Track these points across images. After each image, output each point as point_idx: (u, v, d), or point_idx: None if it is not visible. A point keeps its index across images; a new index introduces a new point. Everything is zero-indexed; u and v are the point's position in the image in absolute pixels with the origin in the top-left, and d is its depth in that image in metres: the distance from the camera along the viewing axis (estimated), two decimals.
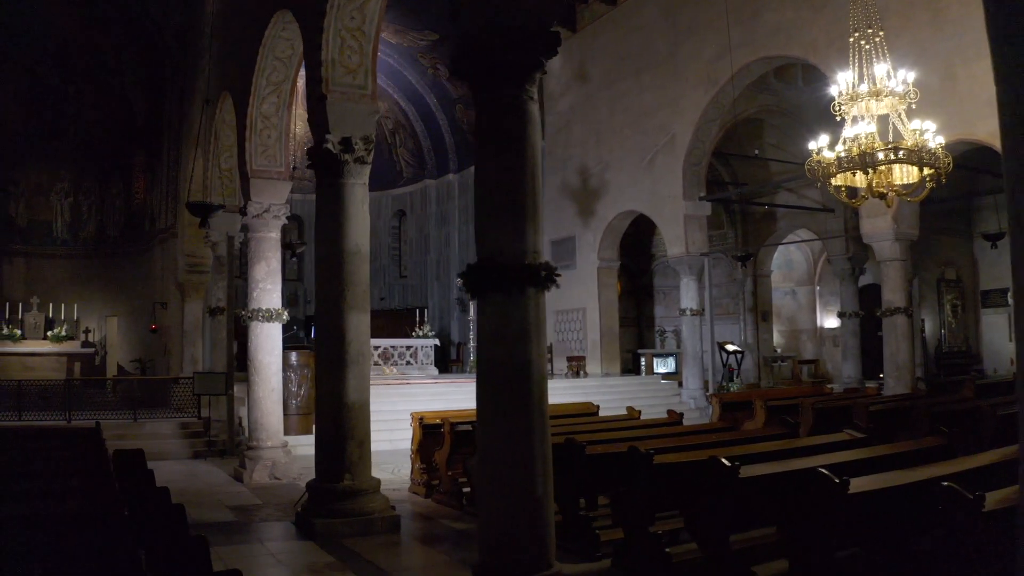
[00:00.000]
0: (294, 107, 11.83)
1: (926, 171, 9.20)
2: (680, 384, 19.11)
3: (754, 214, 22.50)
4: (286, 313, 11.89)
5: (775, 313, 23.53)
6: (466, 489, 9.42)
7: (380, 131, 30.02)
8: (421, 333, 22.69)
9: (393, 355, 22.12)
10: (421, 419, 10.56)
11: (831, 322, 22.62)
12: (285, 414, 14.30)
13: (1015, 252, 2.23)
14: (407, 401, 16.53)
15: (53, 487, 5.63)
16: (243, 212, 11.83)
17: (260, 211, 11.62)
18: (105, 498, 5.04)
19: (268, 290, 11.67)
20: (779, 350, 23.09)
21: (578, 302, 22.11)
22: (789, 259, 23.76)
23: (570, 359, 21.26)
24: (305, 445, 13.82)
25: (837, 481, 5.06)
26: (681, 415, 10.36)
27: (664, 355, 24.10)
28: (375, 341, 22.33)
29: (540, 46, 5.45)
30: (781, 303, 23.77)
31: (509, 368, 5.29)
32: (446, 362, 25.66)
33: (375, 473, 8.73)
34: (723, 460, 5.81)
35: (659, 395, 18.81)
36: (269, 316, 11.57)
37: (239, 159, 12.02)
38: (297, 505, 8.73)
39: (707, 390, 18.17)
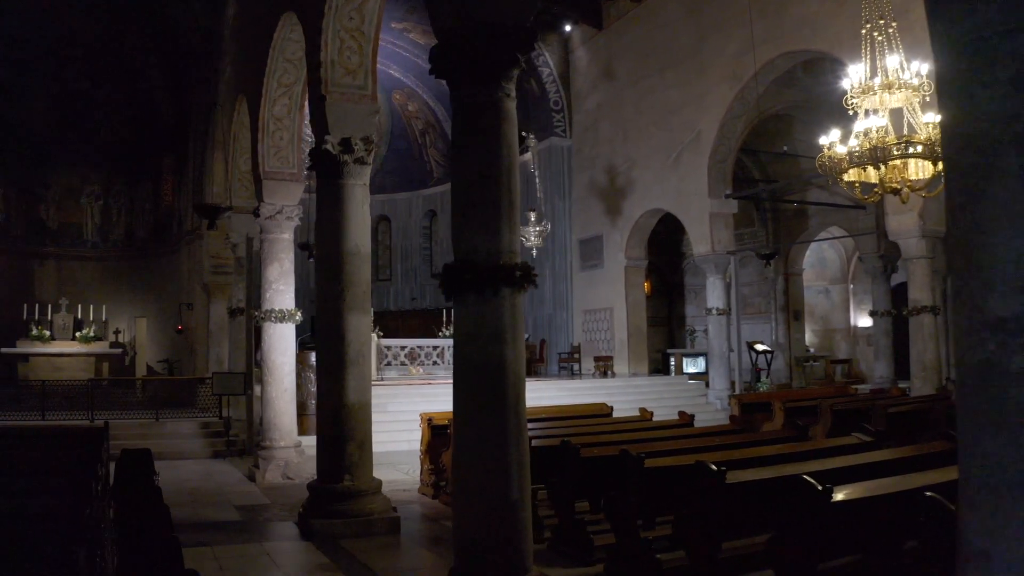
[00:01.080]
0: (306, 109, 11.84)
1: (940, 165, 8.92)
2: (707, 384, 18.85)
3: (785, 211, 22.11)
4: (299, 314, 11.92)
5: (808, 312, 23.11)
6: None
7: (411, 131, 30.12)
8: (448, 333, 22.66)
9: (420, 355, 22.12)
10: (430, 420, 10.50)
11: (864, 321, 22.16)
12: (302, 414, 14.37)
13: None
14: (428, 401, 16.46)
15: (32, 485, 5.66)
16: (256, 214, 11.89)
17: (273, 212, 11.66)
18: (77, 497, 5.04)
19: (281, 291, 11.71)
20: (812, 349, 22.67)
21: (605, 301, 21.93)
22: (822, 257, 23.32)
23: (597, 359, 21.11)
24: None
25: (820, 488, 4.90)
26: (692, 416, 10.16)
27: (694, 355, 23.80)
28: (401, 341, 22.44)
29: (516, 42, 5.35)
30: (815, 302, 23.34)
31: (483, 369, 5.20)
32: None
33: (390, 474, 8.70)
34: (710, 464, 5.66)
35: (684, 395, 18.57)
36: (282, 317, 11.61)
37: (252, 161, 12.08)
38: (301, 506, 8.72)
39: (734, 390, 17.89)
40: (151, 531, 5.47)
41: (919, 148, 8.67)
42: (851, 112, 9.34)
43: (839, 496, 4.94)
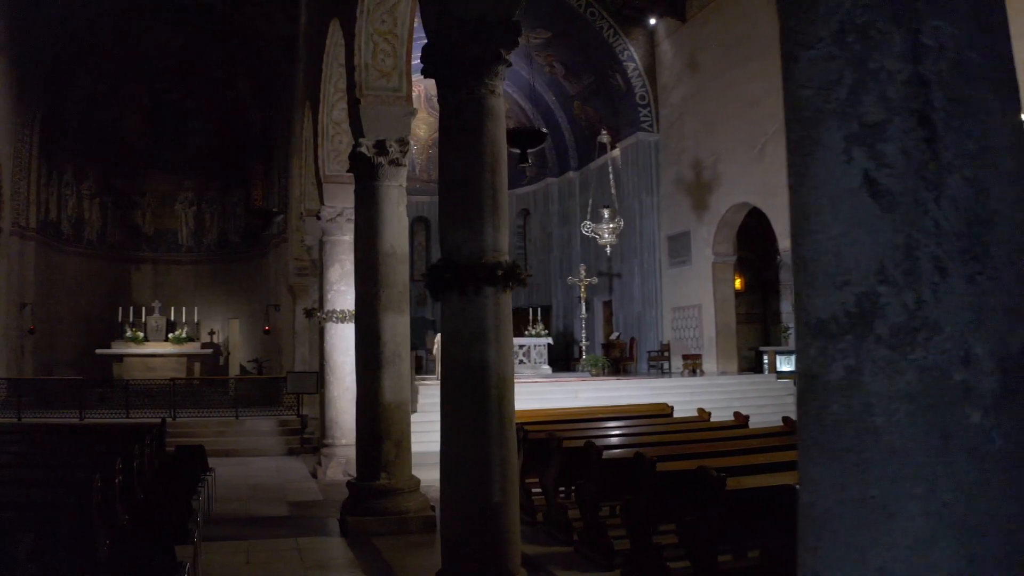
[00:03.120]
0: None
1: None
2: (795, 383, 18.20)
3: None
4: None
5: None
6: None
7: None
8: (534, 332, 22.68)
9: None
10: None
11: None
12: None
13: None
14: None
15: (49, 477, 5.98)
16: (318, 217, 12.18)
17: (333, 215, 11.92)
18: (82, 489, 5.29)
19: (342, 292, 11.96)
20: None
21: (694, 299, 21.52)
22: None
23: (685, 357, 20.75)
24: None
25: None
26: (747, 417, 9.83)
27: (788, 353, 23.00)
28: None
29: (498, 37, 5.31)
30: None
31: (465, 369, 5.18)
32: (568, 360, 25.53)
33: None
34: (711, 470, 5.46)
35: (769, 395, 17.99)
36: (343, 317, 11.86)
37: (314, 165, 12.38)
38: (342, 503, 8.89)
39: None
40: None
41: None
42: None
43: None
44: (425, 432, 13.41)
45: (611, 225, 18.09)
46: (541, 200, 28.48)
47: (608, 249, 18.39)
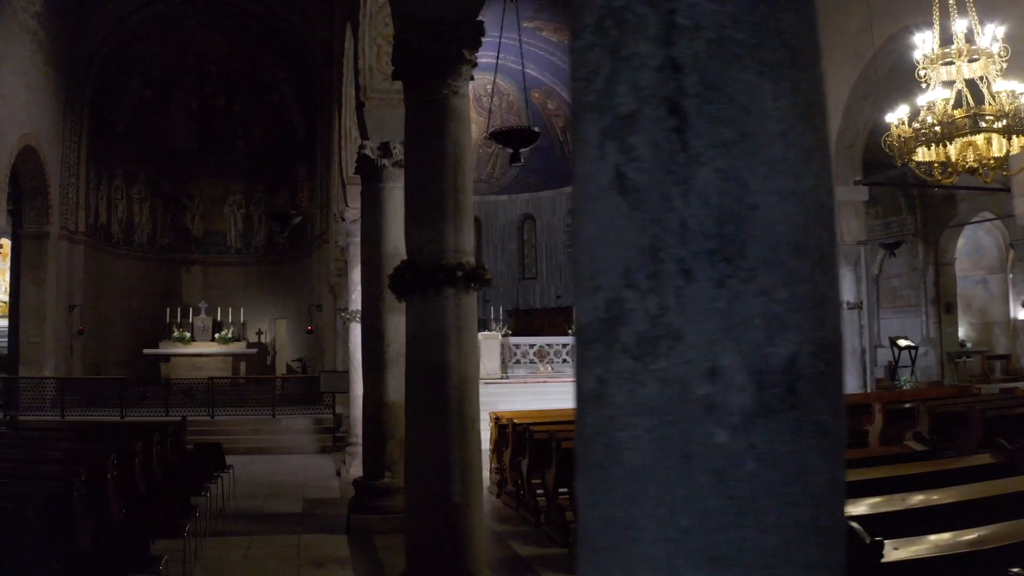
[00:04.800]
0: None
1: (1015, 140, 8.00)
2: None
3: (933, 197, 20.37)
4: None
5: (965, 304, 21.22)
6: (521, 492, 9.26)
7: (552, 129, 30.18)
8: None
9: (548, 353, 22.16)
10: (497, 418, 10.50)
11: None
12: None
13: None
14: (540, 399, 16.50)
15: (50, 471, 6.15)
16: (343, 218, 12.27)
17: (356, 217, 11.97)
18: (67, 484, 5.43)
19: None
20: (968, 344, 20.79)
21: None
22: (978, 244, 21.34)
23: None
24: None
25: (867, 542, 4.45)
26: None
27: None
28: (530, 340, 22.54)
29: (461, 38, 5.24)
30: (972, 293, 21.39)
31: (426, 370, 5.14)
32: None
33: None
34: None
35: None
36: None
37: (339, 167, 12.49)
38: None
39: (866, 389, 16.74)
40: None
41: (990, 121, 7.80)
42: (923, 85, 8.52)
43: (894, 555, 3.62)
44: None
45: None
46: None
47: None
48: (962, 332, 21.06)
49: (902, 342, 18.86)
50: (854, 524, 3.54)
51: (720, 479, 1.45)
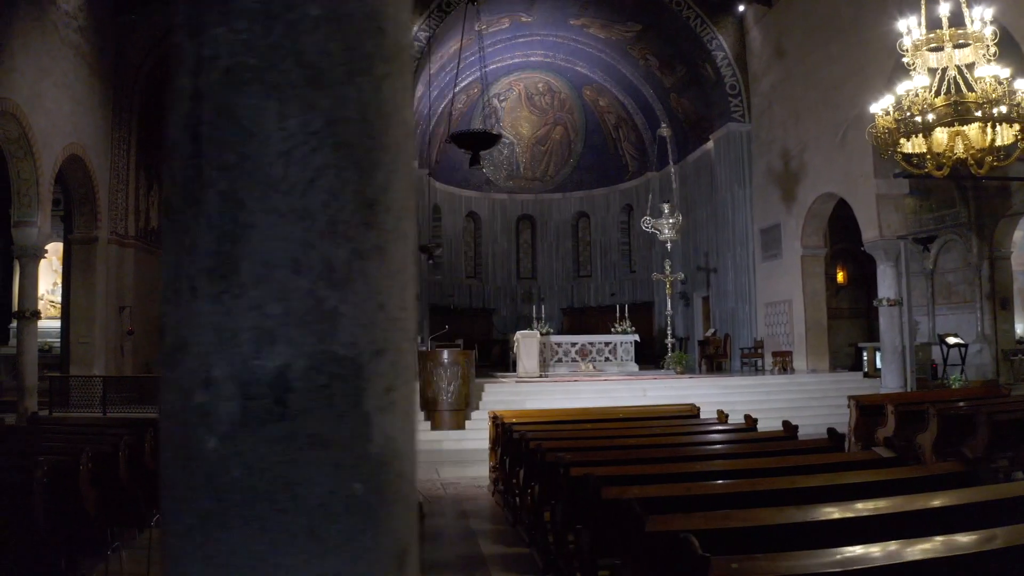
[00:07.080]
0: None
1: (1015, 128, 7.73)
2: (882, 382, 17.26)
3: (987, 188, 19.63)
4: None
5: (1023, 299, 20.39)
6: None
7: (604, 126, 30.15)
8: (620, 329, 22.50)
9: (591, 352, 22.14)
10: (495, 416, 10.61)
11: None
12: (436, 410, 15.03)
13: None
14: (570, 398, 16.56)
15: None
16: None
17: None
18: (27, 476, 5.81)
19: None
20: None
21: (785, 293, 20.75)
22: None
23: (775, 354, 20.06)
24: (454, 440, 14.38)
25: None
26: (756, 421, 9.40)
27: None
28: (571, 338, 22.56)
29: None
30: None
31: None
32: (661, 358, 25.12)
33: (480, 470, 8.91)
34: (634, 505, 4.77)
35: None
36: None
37: None
38: None
39: (906, 389, 16.28)
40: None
41: (973, 108, 7.56)
42: (912, 73, 8.29)
43: None
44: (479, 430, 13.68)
45: (671, 220, 17.67)
46: (643, 195, 28.06)
47: (669, 245, 17.95)
48: (1020, 329, 20.23)
49: (951, 340, 18.23)
50: (688, 535, 3.50)
51: (211, 484, 1.55)
